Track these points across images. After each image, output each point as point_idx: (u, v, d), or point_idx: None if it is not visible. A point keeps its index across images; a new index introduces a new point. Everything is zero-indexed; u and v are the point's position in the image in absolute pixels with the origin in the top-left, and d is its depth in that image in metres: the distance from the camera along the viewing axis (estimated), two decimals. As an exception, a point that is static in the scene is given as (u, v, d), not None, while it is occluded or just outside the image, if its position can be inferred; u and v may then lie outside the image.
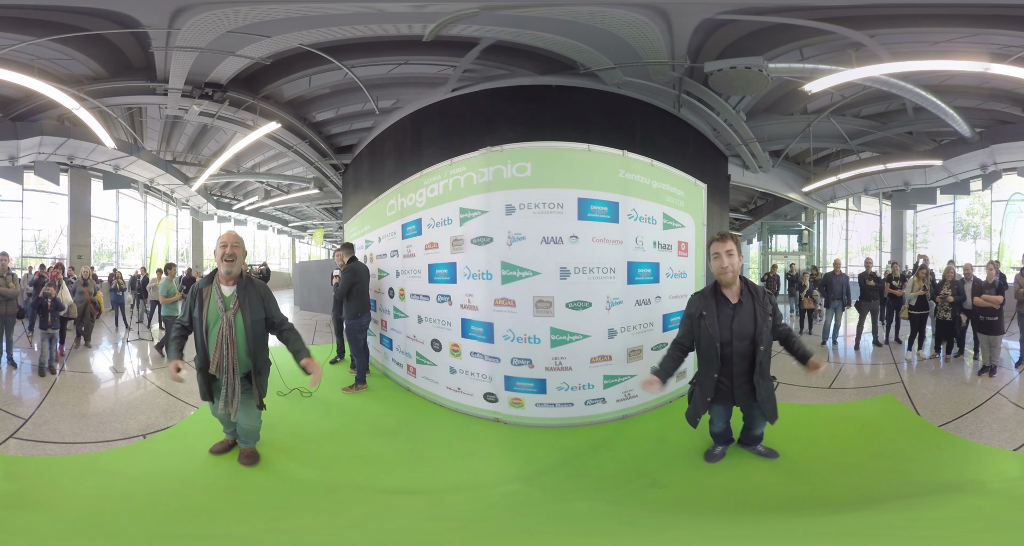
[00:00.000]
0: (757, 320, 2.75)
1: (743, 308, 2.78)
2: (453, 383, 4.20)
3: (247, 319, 2.83)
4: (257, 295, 2.91)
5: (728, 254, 2.76)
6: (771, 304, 2.85)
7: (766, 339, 2.77)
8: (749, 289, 2.83)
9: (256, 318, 2.87)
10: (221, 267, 2.86)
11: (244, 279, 2.91)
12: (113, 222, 14.01)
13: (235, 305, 2.82)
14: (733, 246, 2.78)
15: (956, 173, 10.64)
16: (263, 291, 2.97)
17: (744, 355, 2.77)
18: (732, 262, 2.76)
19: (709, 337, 2.79)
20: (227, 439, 3.21)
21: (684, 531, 2.32)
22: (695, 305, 2.88)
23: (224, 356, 2.78)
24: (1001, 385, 4.78)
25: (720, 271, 2.78)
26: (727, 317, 2.78)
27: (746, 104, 7.82)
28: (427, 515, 2.51)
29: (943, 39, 5.64)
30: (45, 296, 5.56)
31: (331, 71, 6.75)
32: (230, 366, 2.79)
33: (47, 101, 7.06)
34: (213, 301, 2.83)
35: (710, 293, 2.87)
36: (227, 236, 2.90)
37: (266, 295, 2.97)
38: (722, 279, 2.80)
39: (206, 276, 2.96)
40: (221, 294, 2.84)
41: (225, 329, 2.77)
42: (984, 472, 2.96)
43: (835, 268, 7.63)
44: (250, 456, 3.04)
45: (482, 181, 3.88)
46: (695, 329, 2.85)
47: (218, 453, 3.15)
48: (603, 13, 4.98)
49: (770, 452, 3.13)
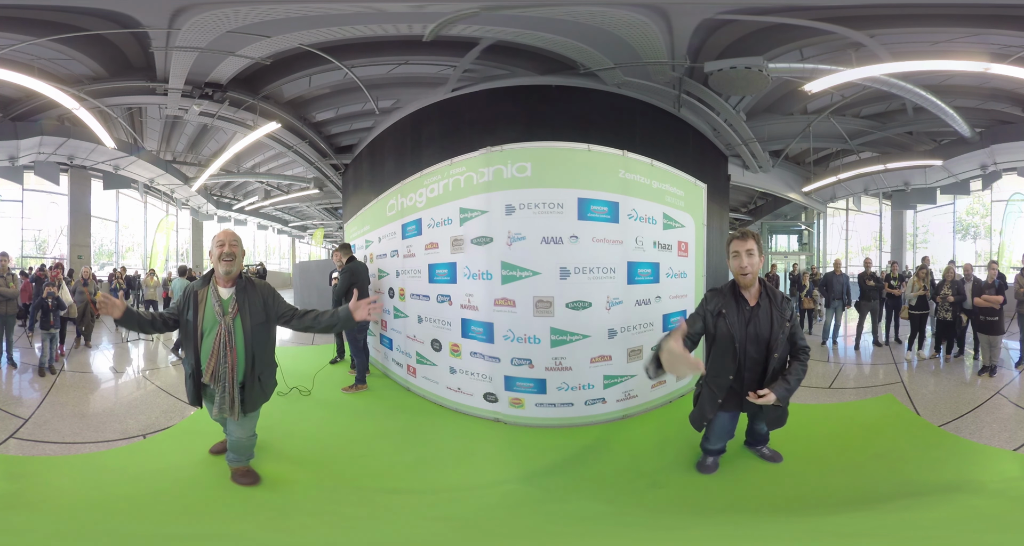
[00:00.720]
0: (773, 325, 2.63)
1: (760, 311, 2.66)
2: (453, 383, 4.20)
3: (247, 324, 2.62)
4: (258, 296, 2.70)
5: (748, 254, 2.60)
6: (790, 310, 2.71)
7: (781, 346, 2.64)
8: (767, 292, 2.70)
9: (257, 322, 2.66)
10: (219, 267, 2.64)
11: (243, 280, 2.71)
12: (113, 222, 14.01)
13: (234, 309, 2.61)
14: (754, 245, 2.62)
15: (956, 173, 10.64)
16: (265, 291, 2.75)
17: (757, 361, 2.64)
18: (752, 262, 2.61)
19: (728, 337, 2.65)
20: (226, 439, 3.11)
21: (684, 531, 2.32)
22: (713, 302, 2.73)
23: (222, 364, 2.57)
24: (1001, 385, 4.78)
25: (739, 271, 2.63)
26: (744, 319, 2.66)
27: (746, 104, 7.82)
28: (427, 515, 2.51)
29: (943, 39, 5.64)
30: (48, 295, 5.56)
31: (331, 71, 6.74)
32: (229, 375, 2.58)
33: (47, 101, 7.06)
34: (209, 305, 2.61)
35: (729, 292, 2.72)
36: (224, 234, 2.70)
37: (268, 294, 2.75)
38: (741, 280, 2.66)
39: (203, 277, 2.75)
40: (218, 297, 2.63)
41: (224, 335, 2.57)
42: (984, 472, 2.96)
43: (835, 268, 7.63)
44: (246, 475, 2.81)
45: (482, 181, 3.88)
46: (710, 327, 2.71)
47: (218, 453, 3.10)
48: (603, 13, 4.98)
49: (775, 455, 3.06)
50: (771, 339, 2.62)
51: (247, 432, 2.77)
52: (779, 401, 2.56)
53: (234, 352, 2.60)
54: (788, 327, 2.66)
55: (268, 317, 2.71)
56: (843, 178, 10.66)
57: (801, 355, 2.70)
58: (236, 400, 2.63)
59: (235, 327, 2.61)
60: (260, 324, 2.68)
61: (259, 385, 2.73)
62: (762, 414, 2.75)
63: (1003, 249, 12.15)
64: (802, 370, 2.66)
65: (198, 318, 2.61)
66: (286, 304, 2.79)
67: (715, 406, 2.73)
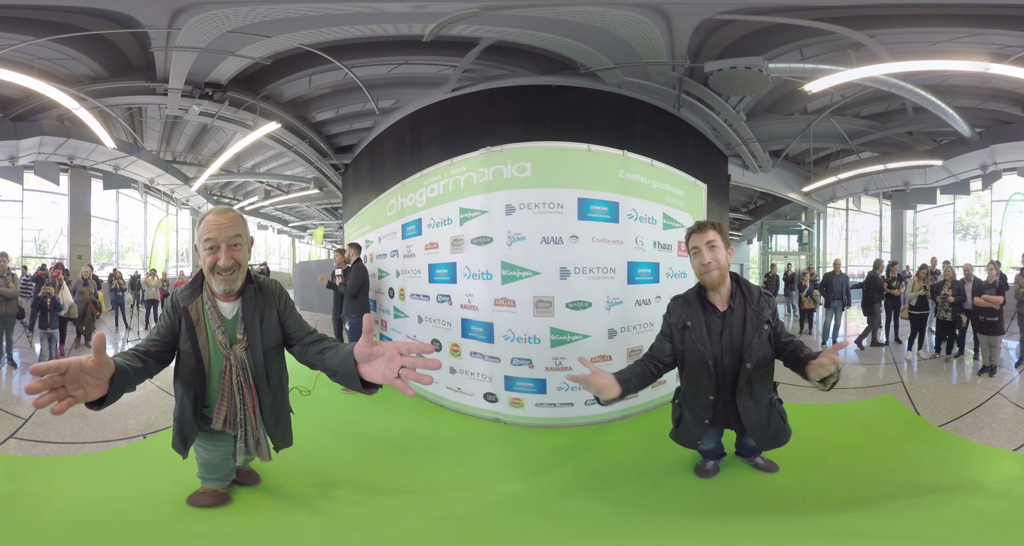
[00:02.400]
0: (747, 328, 2.20)
1: (734, 316, 2.24)
2: (453, 383, 4.20)
3: (257, 349, 1.94)
4: (272, 308, 1.99)
5: (710, 246, 2.20)
6: (769, 308, 2.27)
7: (755, 353, 2.19)
8: (742, 290, 2.28)
9: (272, 345, 1.97)
10: (215, 283, 1.86)
11: (252, 287, 1.96)
12: (113, 222, 14.01)
13: (244, 333, 1.92)
14: (715, 236, 2.21)
15: (956, 173, 10.65)
16: (278, 298, 2.02)
17: (733, 375, 2.27)
18: (716, 256, 2.19)
19: (698, 355, 2.25)
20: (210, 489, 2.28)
21: (684, 531, 2.32)
22: (677, 313, 2.34)
23: (240, 409, 1.95)
24: (1001, 385, 4.78)
25: (701, 269, 2.22)
26: (716, 328, 2.24)
27: (746, 104, 7.82)
28: (427, 515, 2.51)
29: (943, 39, 5.64)
30: (45, 296, 5.56)
31: (331, 71, 6.75)
32: (251, 419, 1.98)
33: (47, 101, 7.06)
34: (210, 330, 1.91)
35: (694, 298, 2.32)
36: (216, 226, 1.78)
37: (282, 303, 2.03)
38: (705, 279, 2.24)
39: (189, 285, 1.97)
40: (219, 318, 1.90)
41: (236, 372, 1.91)
42: (984, 472, 2.95)
43: (835, 268, 7.63)
44: (248, 474, 2.63)
45: (482, 181, 3.88)
46: (677, 344, 2.32)
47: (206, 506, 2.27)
48: (603, 13, 4.98)
49: (769, 465, 2.80)
50: (743, 345, 2.20)
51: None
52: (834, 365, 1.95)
53: (254, 392, 1.97)
54: (766, 331, 2.22)
55: (284, 335, 2.02)
56: (843, 178, 10.68)
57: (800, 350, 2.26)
58: (263, 441, 2.09)
59: (248, 360, 1.95)
60: (276, 348, 2.01)
61: (289, 419, 2.24)
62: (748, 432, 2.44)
63: (1003, 249, 12.14)
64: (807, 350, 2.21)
65: (199, 348, 1.91)
66: (299, 319, 2.04)
67: (703, 428, 2.43)
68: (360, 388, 1.52)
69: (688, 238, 2.30)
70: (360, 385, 1.51)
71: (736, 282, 2.31)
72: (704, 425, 2.43)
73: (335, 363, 1.60)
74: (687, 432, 2.53)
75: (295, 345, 1.96)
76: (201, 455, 2.20)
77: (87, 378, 1.32)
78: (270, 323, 1.95)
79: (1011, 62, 5.33)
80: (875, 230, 15.14)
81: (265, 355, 1.96)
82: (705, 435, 2.50)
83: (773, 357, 2.29)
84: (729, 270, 2.31)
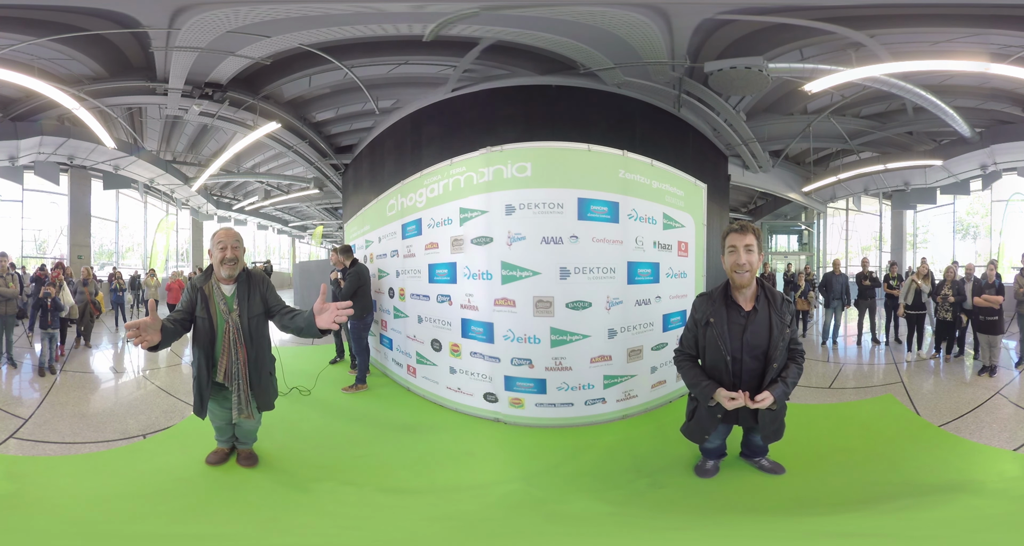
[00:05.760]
0: (772, 331, 2.33)
1: (757, 317, 2.36)
2: (453, 383, 4.20)
3: (244, 317, 2.70)
4: (257, 289, 2.77)
5: (747, 250, 2.31)
6: (790, 314, 2.42)
7: (780, 355, 2.35)
8: (766, 294, 2.41)
9: (255, 313, 2.73)
10: (222, 270, 2.68)
11: (243, 274, 2.77)
12: (113, 222, 14.00)
13: (238, 305, 2.70)
14: (754, 241, 2.33)
15: (956, 173, 10.64)
16: (262, 284, 2.81)
17: (754, 373, 2.37)
18: (751, 259, 2.31)
19: (717, 350, 2.38)
20: (221, 449, 3.05)
21: (684, 531, 2.32)
22: (702, 309, 2.47)
23: (234, 362, 2.67)
24: (1001, 385, 4.78)
25: (735, 268, 2.33)
26: (738, 327, 2.36)
27: (746, 104, 7.82)
28: (427, 515, 2.51)
29: (943, 39, 5.64)
30: (45, 296, 5.56)
31: (331, 71, 6.74)
32: (242, 372, 2.69)
33: (47, 101, 7.06)
34: (216, 302, 2.68)
35: (720, 296, 2.44)
36: (225, 235, 2.72)
37: (265, 287, 2.81)
38: (736, 279, 2.36)
39: (204, 273, 2.81)
40: (222, 295, 2.70)
41: (233, 332, 2.66)
42: (984, 472, 2.96)
43: (835, 268, 7.63)
44: (249, 457, 3.00)
45: (482, 181, 3.88)
46: (700, 339, 2.46)
47: (216, 464, 2.97)
48: (603, 13, 4.98)
49: (775, 466, 2.84)
50: (770, 348, 2.34)
51: (257, 423, 2.97)
52: (775, 404, 2.33)
53: (244, 349, 2.70)
54: (788, 333, 2.40)
55: (265, 309, 2.77)
56: (843, 178, 10.67)
57: (798, 357, 2.50)
58: (250, 397, 2.74)
59: (241, 323, 2.70)
60: (258, 316, 2.75)
61: (270, 379, 2.86)
62: (758, 427, 2.54)
63: (1003, 249, 12.14)
64: (798, 372, 2.45)
65: (211, 314, 2.68)
66: (277, 298, 2.83)
67: (715, 421, 2.53)
68: (318, 335, 2.54)
69: (726, 236, 2.41)
70: (318, 332, 2.50)
71: (761, 285, 2.44)
72: (716, 420, 2.52)
73: (302, 322, 2.55)
74: (698, 426, 2.63)
75: (275, 315, 2.76)
76: (214, 422, 2.93)
77: (150, 331, 2.33)
78: (255, 299, 2.75)
79: (1011, 62, 5.33)
80: (875, 230, 15.14)
81: (251, 321, 2.73)
82: (715, 430, 2.60)
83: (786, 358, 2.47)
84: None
